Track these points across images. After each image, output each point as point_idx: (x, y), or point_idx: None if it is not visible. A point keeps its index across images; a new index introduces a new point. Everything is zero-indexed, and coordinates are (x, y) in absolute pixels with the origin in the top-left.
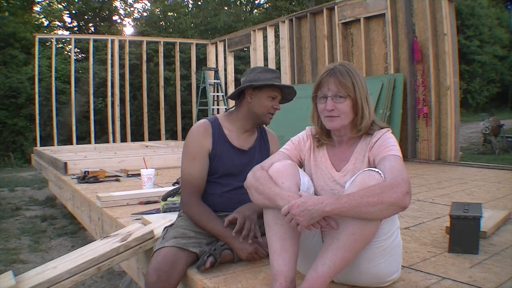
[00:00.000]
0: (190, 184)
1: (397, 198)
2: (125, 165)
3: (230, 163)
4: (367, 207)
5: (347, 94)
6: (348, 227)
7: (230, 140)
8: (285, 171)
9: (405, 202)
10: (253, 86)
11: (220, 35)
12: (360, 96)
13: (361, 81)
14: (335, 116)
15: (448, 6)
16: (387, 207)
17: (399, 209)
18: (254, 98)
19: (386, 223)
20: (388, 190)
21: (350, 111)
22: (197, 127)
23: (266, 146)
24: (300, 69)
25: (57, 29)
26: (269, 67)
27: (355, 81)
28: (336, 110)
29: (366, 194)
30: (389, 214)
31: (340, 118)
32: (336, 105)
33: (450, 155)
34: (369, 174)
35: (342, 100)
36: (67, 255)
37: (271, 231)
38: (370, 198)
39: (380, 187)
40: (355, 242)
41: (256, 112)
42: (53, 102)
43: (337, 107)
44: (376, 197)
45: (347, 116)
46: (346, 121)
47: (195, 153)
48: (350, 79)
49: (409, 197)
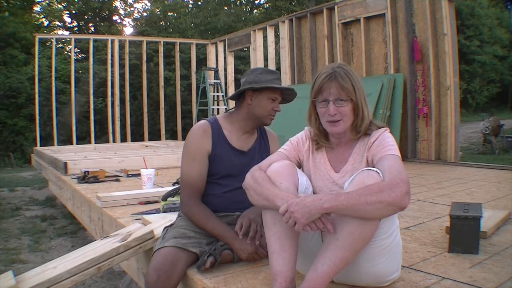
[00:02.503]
0: (190, 185)
1: (396, 198)
2: (125, 165)
3: (230, 164)
4: (365, 206)
5: (348, 97)
6: (347, 227)
7: (230, 141)
8: (283, 171)
9: (404, 202)
10: (253, 88)
11: (220, 35)
12: (360, 98)
13: (359, 82)
14: (338, 120)
15: (448, 6)
16: (386, 207)
17: (398, 209)
18: (254, 100)
19: (385, 223)
20: (387, 189)
21: (351, 114)
22: (196, 128)
23: (266, 146)
24: (300, 69)
25: (57, 29)
26: (269, 68)
27: (355, 83)
28: (338, 114)
29: (365, 193)
30: (388, 213)
31: (342, 121)
32: (338, 109)
33: (450, 155)
34: (367, 173)
35: (344, 104)
36: (67, 255)
37: (270, 231)
38: (368, 197)
39: (379, 186)
40: (354, 242)
41: (256, 113)
42: (53, 102)
43: (339, 111)
44: (374, 196)
45: (349, 119)
46: (348, 123)
47: (194, 154)
48: (350, 82)
49: (408, 198)
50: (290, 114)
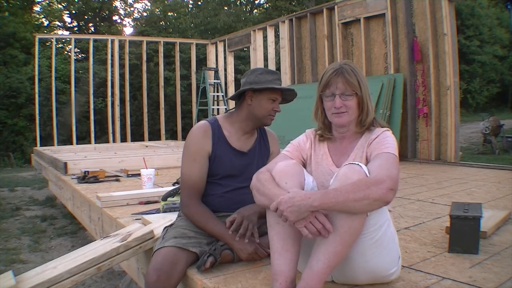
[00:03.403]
0: (190, 185)
1: (381, 194)
2: (125, 165)
3: (230, 165)
4: (353, 202)
5: (353, 92)
6: (335, 222)
7: (230, 142)
8: (289, 171)
9: (388, 197)
10: (253, 89)
11: (220, 35)
12: (365, 93)
13: (364, 79)
14: (343, 112)
15: (448, 6)
16: (372, 202)
17: (383, 204)
18: (254, 100)
19: (374, 214)
20: (374, 186)
21: (356, 108)
22: (197, 129)
23: (267, 146)
24: (300, 69)
25: (57, 29)
26: (269, 69)
27: (360, 79)
28: (344, 107)
29: (353, 190)
30: (374, 208)
31: (347, 113)
32: (344, 102)
33: (450, 155)
34: (350, 167)
35: (349, 98)
36: (67, 255)
37: (273, 231)
38: (356, 193)
39: (366, 183)
40: (345, 235)
41: (257, 114)
42: (53, 102)
43: (345, 104)
44: (362, 193)
45: (353, 112)
46: (353, 116)
47: (194, 155)
48: (356, 77)
49: (393, 193)
50: (290, 114)
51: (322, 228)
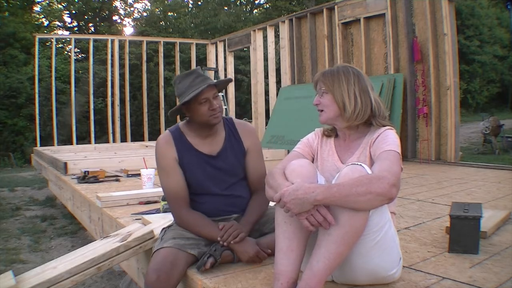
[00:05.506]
0: (173, 197)
1: (384, 189)
2: (125, 165)
3: (202, 170)
4: (356, 197)
5: (328, 89)
6: (337, 220)
7: (196, 148)
8: (301, 172)
9: (391, 193)
10: (182, 103)
11: (220, 35)
12: (341, 90)
13: (348, 78)
14: (321, 110)
15: (448, 6)
16: (375, 197)
17: (386, 200)
18: (190, 111)
19: (375, 215)
20: (376, 181)
21: (331, 104)
22: (158, 141)
23: (239, 143)
24: (300, 69)
25: (57, 29)
26: (186, 71)
27: (338, 78)
28: (320, 105)
29: (355, 184)
30: (377, 204)
31: (324, 112)
32: (320, 99)
33: (450, 155)
34: (352, 168)
35: (324, 96)
36: (67, 255)
37: (280, 229)
38: (359, 188)
39: (368, 178)
40: (346, 235)
41: (200, 120)
42: (53, 102)
43: (320, 101)
44: (364, 187)
45: (329, 110)
46: (330, 114)
47: (166, 168)
48: (331, 77)
49: (396, 189)
50: (290, 114)
51: (323, 221)
